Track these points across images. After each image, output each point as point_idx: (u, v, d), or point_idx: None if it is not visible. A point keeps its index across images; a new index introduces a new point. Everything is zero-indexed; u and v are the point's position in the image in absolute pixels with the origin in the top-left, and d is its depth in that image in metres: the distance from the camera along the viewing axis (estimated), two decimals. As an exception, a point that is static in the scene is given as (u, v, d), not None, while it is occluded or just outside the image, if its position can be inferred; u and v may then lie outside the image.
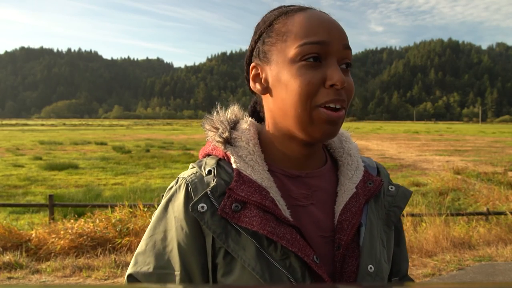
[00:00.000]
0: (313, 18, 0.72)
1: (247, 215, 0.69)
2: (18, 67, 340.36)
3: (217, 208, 0.70)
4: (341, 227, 0.75)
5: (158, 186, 12.50)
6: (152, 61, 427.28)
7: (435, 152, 25.18)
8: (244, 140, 0.77)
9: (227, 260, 0.70)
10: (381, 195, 0.83)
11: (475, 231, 6.49)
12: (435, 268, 4.92)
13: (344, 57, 0.72)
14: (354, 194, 0.78)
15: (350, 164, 0.83)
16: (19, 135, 43.08)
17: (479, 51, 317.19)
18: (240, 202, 0.70)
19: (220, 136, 0.78)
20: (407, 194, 0.85)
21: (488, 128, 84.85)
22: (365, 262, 0.74)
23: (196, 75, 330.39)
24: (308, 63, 0.70)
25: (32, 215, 8.58)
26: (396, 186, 0.85)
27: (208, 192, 0.71)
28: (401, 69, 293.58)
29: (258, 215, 0.69)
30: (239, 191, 0.71)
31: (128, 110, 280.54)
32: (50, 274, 4.59)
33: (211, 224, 0.70)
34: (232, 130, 0.80)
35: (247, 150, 0.76)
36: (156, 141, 33.48)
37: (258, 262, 0.68)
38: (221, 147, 0.78)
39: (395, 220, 0.83)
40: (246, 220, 0.69)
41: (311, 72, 0.70)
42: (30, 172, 15.99)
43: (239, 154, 0.76)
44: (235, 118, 0.84)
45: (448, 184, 11.60)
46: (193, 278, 0.73)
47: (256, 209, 0.70)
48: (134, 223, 5.63)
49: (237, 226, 0.70)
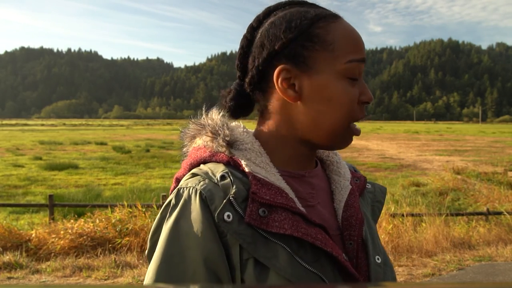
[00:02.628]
0: (353, 32, 0.73)
1: (276, 219, 0.65)
2: (18, 67, 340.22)
3: (242, 216, 0.65)
4: (349, 223, 0.75)
5: (158, 186, 12.50)
6: (152, 61, 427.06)
7: (435, 152, 25.18)
8: (249, 143, 0.74)
9: (257, 271, 0.64)
10: (364, 191, 0.85)
11: (475, 231, 6.49)
12: (435, 268, 4.92)
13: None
14: (351, 190, 0.80)
15: (338, 162, 0.84)
16: (19, 135, 43.06)
17: (479, 51, 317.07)
18: (266, 206, 0.66)
19: (223, 140, 0.73)
20: (383, 189, 0.89)
21: (488, 128, 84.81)
22: (372, 254, 0.75)
23: (196, 75, 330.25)
24: (353, 79, 0.71)
25: (32, 215, 8.58)
26: (372, 183, 0.88)
27: (231, 199, 0.65)
28: (401, 69, 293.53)
29: (288, 218, 0.66)
30: (262, 194, 0.66)
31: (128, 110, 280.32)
32: (50, 274, 4.59)
33: (240, 233, 0.64)
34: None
35: (255, 152, 0.73)
36: (156, 141, 33.47)
37: (292, 267, 0.64)
38: (225, 152, 0.73)
39: (379, 214, 0.87)
40: (275, 224, 0.65)
41: (354, 89, 0.72)
42: (30, 172, 15.98)
43: (247, 157, 0.72)
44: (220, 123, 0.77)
45: (448, 184, 11.59)
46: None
47: (284, 211, 0.67)
48: (134, 223, 5.64)
49: (264, 233, 0.65)
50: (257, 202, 0.66)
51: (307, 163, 0.78)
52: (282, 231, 0.64)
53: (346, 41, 0.71)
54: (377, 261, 0.75)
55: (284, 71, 0.71)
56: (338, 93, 0.70)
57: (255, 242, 0.65)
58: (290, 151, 0.76)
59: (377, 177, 14.42)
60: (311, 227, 0.68)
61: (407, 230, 6.08)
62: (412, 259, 5.21)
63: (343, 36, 0.71)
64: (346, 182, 0.81)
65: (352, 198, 0.78)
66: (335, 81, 0.70)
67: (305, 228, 0.67)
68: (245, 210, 0.65)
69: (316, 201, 0.76)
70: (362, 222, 0.76)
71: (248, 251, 0.64)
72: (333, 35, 0.71)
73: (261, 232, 0.65)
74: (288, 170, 0.75)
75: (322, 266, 0.67)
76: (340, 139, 0.74)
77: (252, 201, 0.65)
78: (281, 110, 0.74)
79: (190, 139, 0.80)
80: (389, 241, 5.55)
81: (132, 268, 4.82)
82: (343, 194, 0.79)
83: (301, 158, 0.77)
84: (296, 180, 0.75)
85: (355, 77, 0.71)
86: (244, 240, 0.64)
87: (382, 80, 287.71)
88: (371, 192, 0.86)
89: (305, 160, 0.78)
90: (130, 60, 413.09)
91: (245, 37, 0.77)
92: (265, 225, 0.65)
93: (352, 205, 0.77)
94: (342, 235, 0.75)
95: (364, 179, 0.86)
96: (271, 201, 0.66)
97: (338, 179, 0.81)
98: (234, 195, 0.66)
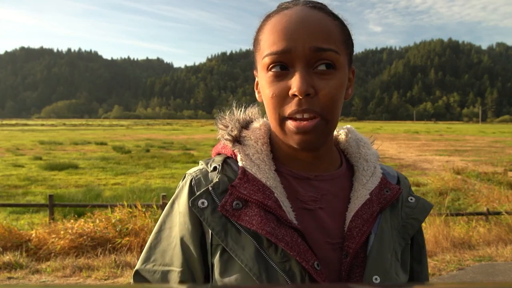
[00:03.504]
0: (278, 24, 0.69)
1: (247, 214, 0.68)
2: (18, 67, 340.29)
3: (218, 205, 0.69)
4: (351, 234, 0.72)
5: (158, 186, 12.50)
6: (152, 61, 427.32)
7: (435, 152, 25.19)
8: (253, 139, 0.77)
9: (224, 258, 0.69)
10: (399, 205, 0.79)
11: (475, 231, 6.49)
12: (435, 268, 4.91)
13: (317, 59, 0.67)
14: (367, 200, 0.75)
15: (365, 169, 0.80)
16: (19, 135, 43.07)
17: (479, 51, 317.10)
18: (242, 200, 0.69)
19: (229, 134, 0.78)
20: (427, 207, 0.81)
21: (488, 128, 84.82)
22: (370, 272, 0.70)
23: (196, 75, 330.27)
24: (275, 73, 0.69)
25: (32, 215, 8.59)
26: (417, 198, 0.81)
27: (210, 188, 0.71)
28: (401, 69, 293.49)
29: (258, 214, 0.68)
30: (241, 188, 0.70)
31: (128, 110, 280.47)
32: (50, 274, 4.59)
33: (210, 220, 0.69)
34: (243, 129, 0.80)
35: (255, 148, 0.75)
36: (156, 141, 33.47)
37: (257, 263, 0.67)
38: (229, 145, 0.77)
39: (412, 233, 0.78)
40: (246, 218, 0.68)
41: (277, 82, 0.69)
42: (30, 172, 15.99)
43: (246, 152, 0.75)
44: (249, 118, 0.83)
45: (448, 184, 11.60)
46: (195, 275, 0.73)
47: (257, 208, 0.69)
48: (134, 223, 5.64)
49: (237, 225, 0.69)
50: (234, 195, 0.70)
51: (313, 165, 0.76)
52: (249, 226, 0.67)
53: (266, 36, 0.71)
54: (374, 280, 0.70)
55: (255, 75, 0.79)
56: (264, 88, 0.72)
57: (226, 231, 0.69)
58: (287, 150, 0.76)
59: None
60: (283, 228, 0.68)
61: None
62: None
63: (268, 32, 0.71)
64: (365, 191, 0.76)
65: (364, 209, 0.74)
66: (262, 77, 0.72)
67: (274, 227, 0.67)
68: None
69: (317, 205, 0.74)
70: (364, 236, 0.72)
71: (216, 238, 0.70)
72: (262, 33, 0.73)
73: (235, 224, 0.69)
74: (292, 170, 0.76)
75: (290, 268, 0.67)
76: (284, 137, 0.71)
77: (230, 194, 0.70)
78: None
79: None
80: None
81: (132, 268, 4.82)
82: (357, 203, 0.75)
83: (303, 158, 0.75)
84: (299, 181, 0.75)
85: (277, 69, 0.68)
86: (214, 228, 0.69)
87: (382, 80, 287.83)
88: (411, 207, 0.80)
89: (309, 162, 0.76)
90: (130, 60, 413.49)
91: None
92: (236, 218, 0.69)
93: (361, 216, 0.73)
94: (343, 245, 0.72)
95: (397, 190, 0.78)
96: (246, 196, 0.69)
97: (358, 187, 0.77)
98: (213, 185, 0.72)
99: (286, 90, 0.68)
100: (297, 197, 0.73)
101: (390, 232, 0.75)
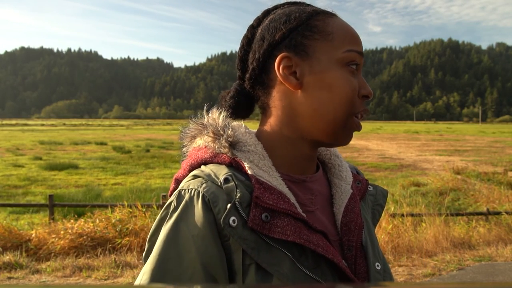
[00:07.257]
0: (347, 27, 0.73)
1: (278, 225, 0.64)
2: (18, 67, 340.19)
3: (245, 220, 0.63)
4: (348, 229, 0.73)
5: (158, 186, 12.51)
6: (152, 61, 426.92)
7: (435, 152, 25.19)
8: (252, 145, 0.72)
9: (259, 276, 0.63)
10: (366, 195, 0.83)
11: (475, 231, 6.49)
12: (435, 268, 4.92)
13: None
14: (352, 194, 0.77)
15: (340, 165, 0.82)
16: (19, 135, 43.06)
17: (479, 51, 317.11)
18: (269, 211, 0.64)
19: (226, 141, 0.71)
20: (384, 192, 0.86)
21: (488, 128, 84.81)
22: (372, 261, 0.74)
23: (196, 75, 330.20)
24: (352, 69, 0.71)
25: (32, 215, 8.59)
26: (374, 186, 0.86)
27: (237, 203, 0.63)
28: (401, 69, 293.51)
29: (290, 224, 0.65)
30: (265, 199, 0.64)
31: (128, 110, 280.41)
32: (50, 274, 4.59)
33: (244, 238, 0.63)
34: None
35: (257, 155, 0.71)
36: (156, 141, 33.48)
37: (295, 274, 0.63)
38: (228, 153, 0.70)
39: (379, 218, 0.85)
40: (278, 230, 0.63)
41: (353, 80, 0.71)
42: (30, 172, 15.99)
43: (250, 159, 0.70)
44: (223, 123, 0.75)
45: (448, 184, 11.59)
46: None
47: (286, 217, 0.65)
48: (134, 223, 5.64)
49: (266, 238, 0.64)
50: (260, 206, 0.64)
51: (308, 166, 0.76)
52: (285, 237, 0.63)
53: (344, 32, 0.72)
54: (377, 268, 0.74)
55: (286, 58, 0.71)
56: (339, 81, 0.69)
57: (258, 247, 0.63)
58: (291, 150, 0.73)
59: (377, 177, 14.42)
60: (313, 234, 0.66)
61: (407, 230, 6.08)
62: (412, 259, 5.21)
63: (341, 28, 0.72)
64: (347, 186, 0.78)
65: (352, 203, 0.76)
66: (335, 69, 0.70)
67: (306, 234, 0.65)
68: (249, 215, 0.63)
69: (315, 206, 0.74)
70: (361, 228, 0.74)
71: (251, 256, 0.63)
72: (332, 26, 0.72)
73: (264, 238, 0.64)
74: (289, 174, 0.73)
75: (322, 273, 0.66)
76: (340, 133, 0.71)
77: (256, 206, 0.64)
78: (282, 102, 0.72)
79: (190, 139, 0.78)
80: (389, 241, 5.55)
81: (132, 268, 4.82)
82: (343, 198, 0.76)
83: (302, 159, 0.75)
84: (297, 185, 0.73)
85: (353, 67, 0.71)
86: (248, 245, 0.63)
87: (382, 80, 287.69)
88: (373, 194, 0.84)
89: (306, 162, 0.75)
90: (130, 60, 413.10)
91: (245, 37, 0.77)
92: (268, 231, 0.63)
93: (352, 210, 0.75)
94: (341, 240, 0.73)
95: (366, 182, 0.84)
96: (274, 206, 0.64)
97: (339, 183, 0.79)
98: (239, 199, 0.64)
99: (357, 88, 0.71)
100: (298, 201, 0.72)
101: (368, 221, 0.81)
